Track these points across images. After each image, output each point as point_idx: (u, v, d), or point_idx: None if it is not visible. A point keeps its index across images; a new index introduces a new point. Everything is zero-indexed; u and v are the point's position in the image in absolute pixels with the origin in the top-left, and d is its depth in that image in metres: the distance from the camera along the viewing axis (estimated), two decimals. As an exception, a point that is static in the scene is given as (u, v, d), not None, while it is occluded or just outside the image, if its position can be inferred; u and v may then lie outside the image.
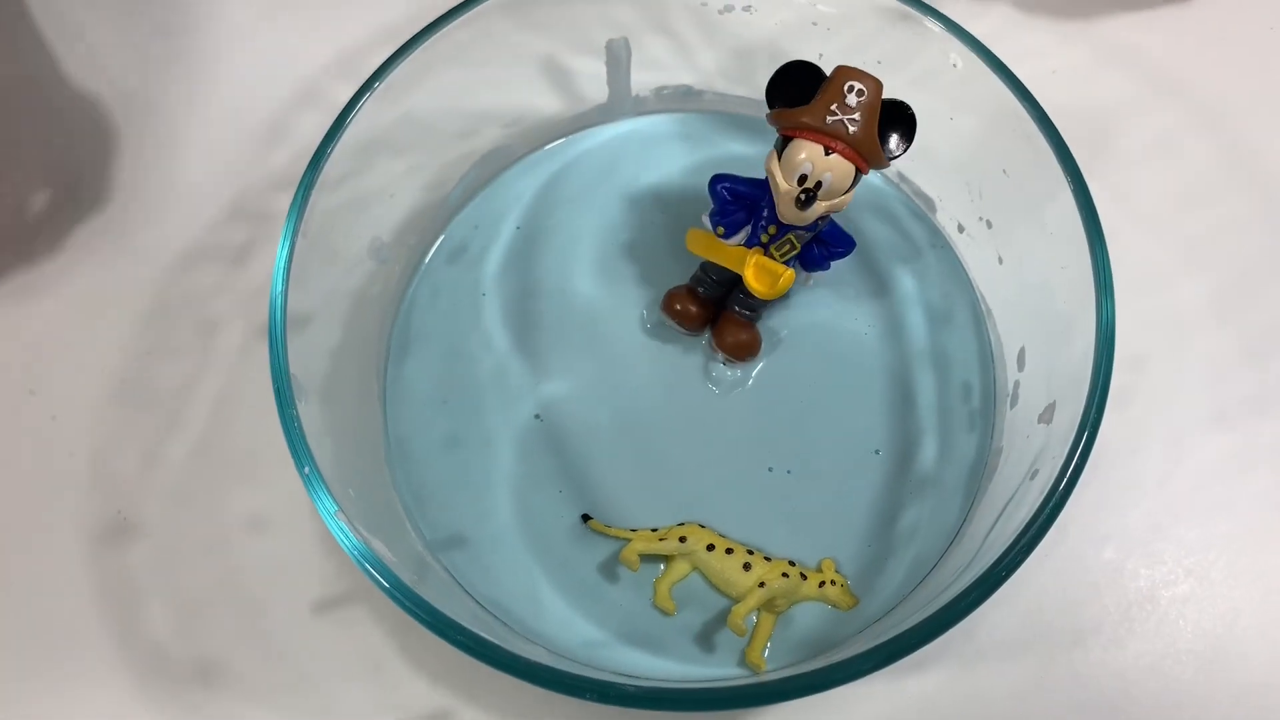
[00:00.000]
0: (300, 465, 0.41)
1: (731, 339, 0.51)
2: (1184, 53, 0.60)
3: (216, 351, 0.54)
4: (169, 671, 0.49)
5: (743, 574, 0.47)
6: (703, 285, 0.52)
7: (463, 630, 0.38)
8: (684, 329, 0.52)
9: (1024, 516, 0.40)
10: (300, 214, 0.45)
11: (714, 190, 0.49)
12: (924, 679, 0.48)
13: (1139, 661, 0.48)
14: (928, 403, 0.51)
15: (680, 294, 0.52)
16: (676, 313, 0.52)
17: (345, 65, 0.61)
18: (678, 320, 0.52)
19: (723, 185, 0.48)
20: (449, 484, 0.50)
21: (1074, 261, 0.44)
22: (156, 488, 0.52)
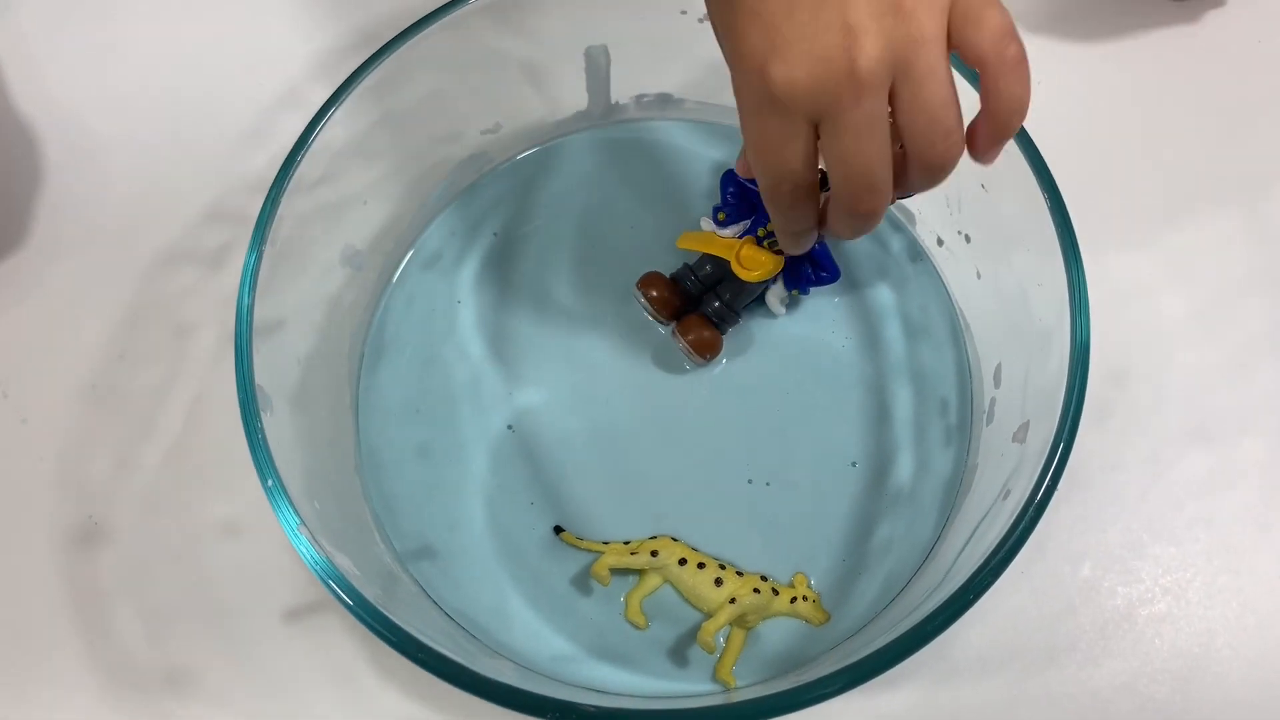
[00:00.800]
0: (264, 478, 0.41)
1: (694, 334, 0.51)
2: (1170, 66, 0.60)
3: (190, 356, 0.54)
4: (138, 679, 0.48)
5: (714, 589, 0.46)
6: (682, 280, 0.52)
7: (425, 649, 0.38)
8: (652, 311, 0.52)
9: (995, 537, 0.40)
10: (269, 221, 0.44)
11: (725, 184, 0.50)
12: (897, 696, 0.47)
13: (1115, 680, 0.48)
14: (905, 417, 0.51)
15: (657, 278, 0.52)
16: (650, 295, 0.52)
17: (327, 68, 0.60)
18: (648, 301, 0.52)
19: (733, 183, 0.50)
20: (420, 494, 0.50)
21: (1050, 278, 0.44)
22: (128, 493, 0.51)
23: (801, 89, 0.34)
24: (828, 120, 0.35)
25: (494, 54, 0.53)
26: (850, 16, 0.34)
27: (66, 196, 0.58)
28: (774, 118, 0.36)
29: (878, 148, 0.36)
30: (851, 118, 0.35)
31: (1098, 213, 0.52)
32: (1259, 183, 0.57)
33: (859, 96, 0.34)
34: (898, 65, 0.34)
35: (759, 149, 0.37)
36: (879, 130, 0.35)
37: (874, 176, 0.36)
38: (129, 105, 0.60)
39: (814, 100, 0.35)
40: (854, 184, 0.37)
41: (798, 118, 0.35)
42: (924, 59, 0.34)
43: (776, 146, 0.37)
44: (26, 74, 0.61)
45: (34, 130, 0.60)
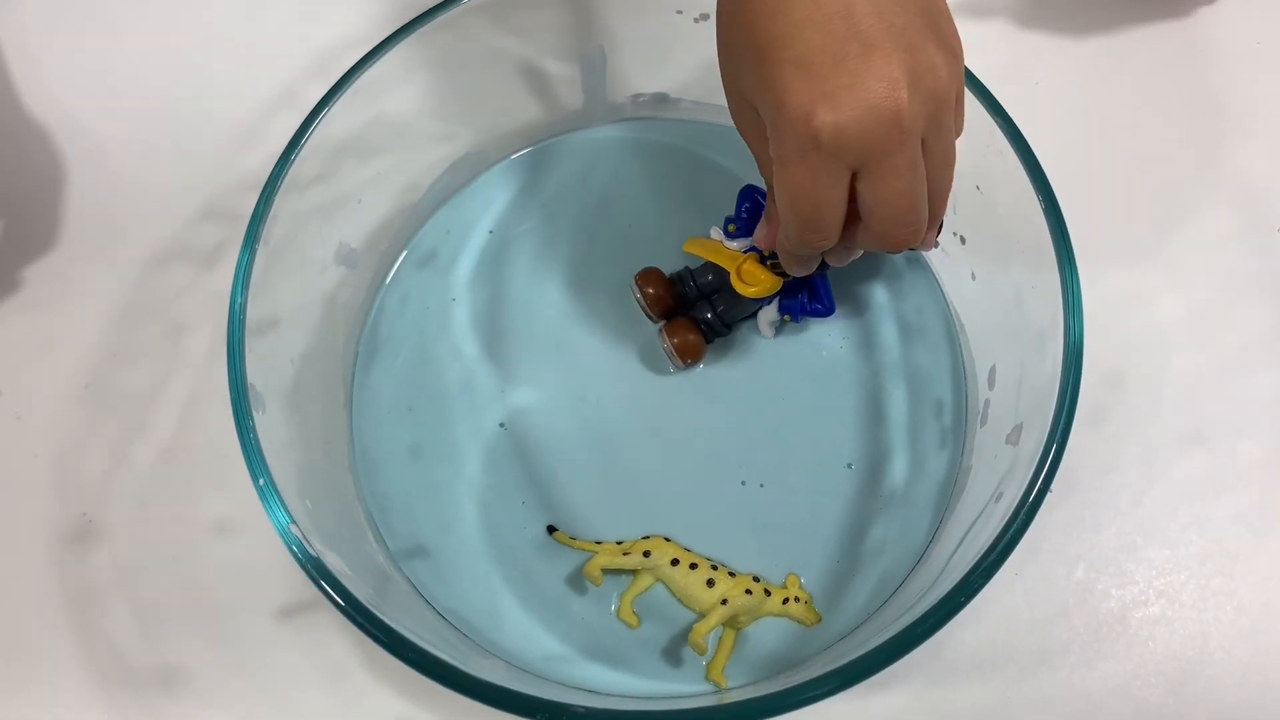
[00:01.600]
0: (256, 477, 0.41)
1: (679, 338, 0.51)
2: (1169, 67, 0.60)
3: (184, 354, 0.54)
4: (131, 677, 0.48)
5: (706, 590, 0.46)
6: (680, 283, 0.52)
7: (416, 649, 0.38)
8: (645, 306, 0.52)
9: (987, 539, 0.40)
10: (263, 219, 0.44)
11: (742, 199, 0.51)
12: (890, 697, 0.47)
13: (1107, 683, 0.48)
14: (899, 418, 0.51)
15: (656, 275, 0.52)
16: (645, 291, 0.52)
17: (323, 67, 0.60)
18: (643, 295, 0.52)
19: (750, 199, 0.50)
20: (413, 493, 0.50)
21: (1044, 280, 0.44)
22: (122, 491, 0.51)
23: (851, 134, 0.36)
24: (872, 164, 0.37)
25: (490, 53, 0.53)
26: (895, 70, 0.36)
27: (61, 195, 0.58)
28: (818, 165, 0.37)
29: (918, 190, 0.39)
30: (896, 161, 0.37)
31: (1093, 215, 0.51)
32: (1256, 185, 0.57)
33: (902, 142, 0.37)
34: (930, 120, 0.37)
35: (797, 196, 0.39)
36: (919, 175, 0.38)
37: (914, 215, 0.39)
38: (124, 103, 0.60)
39: (862, 145, 0.37)
40: (897, 223, 0.39)
41: (841, 165, 0.37)
42: (946, 117, 0.38)
43: (817, 193, 0.39)
44: (21, 72, 0.61)
45: (28, 129, 0.60)
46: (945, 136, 0.39)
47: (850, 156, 0.37)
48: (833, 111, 0.36)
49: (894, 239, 0.40)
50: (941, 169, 0.40)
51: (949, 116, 0.38)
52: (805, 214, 0.39)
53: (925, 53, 0.37)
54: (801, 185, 0.38)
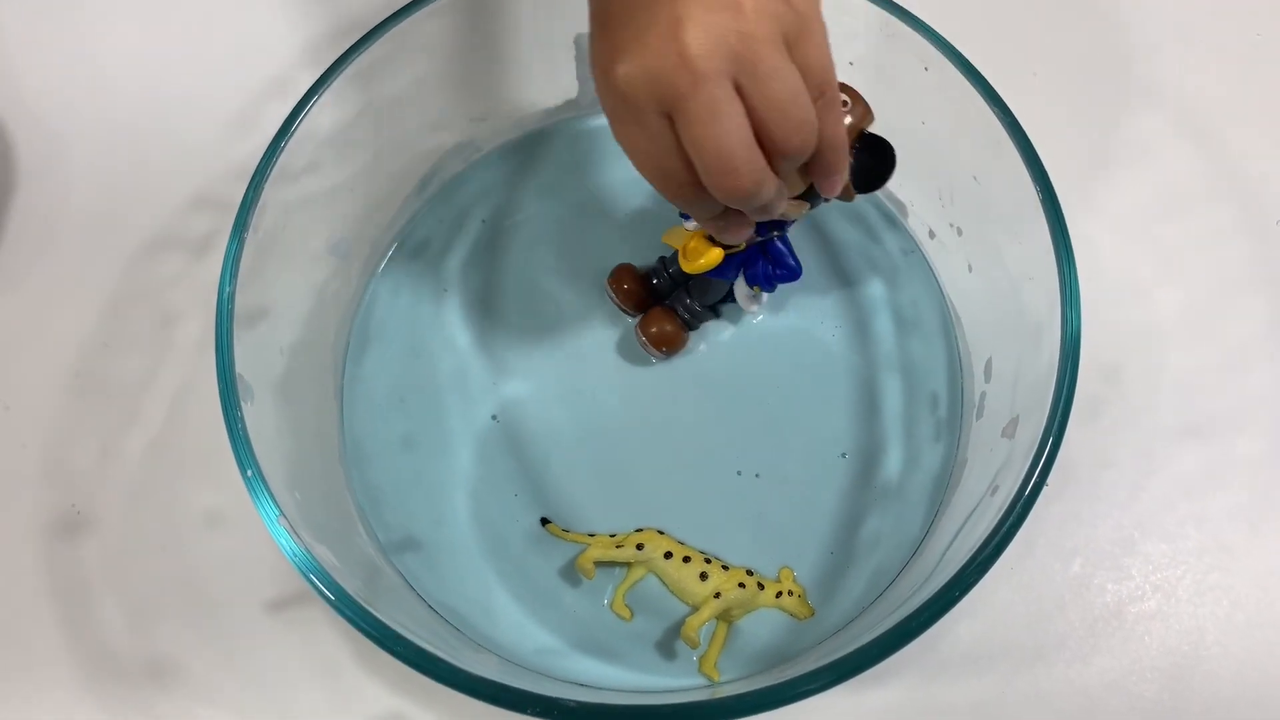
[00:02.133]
0: (244, 469, 0.40)
1: (656, 327, 0.51)
2: (1168, 58, 0.59)
3: (174, 345, 0.53)
4: (120, 669, 0.48)
5: (699, 583, 0.46)
6: (656, 276, 0.52)
7: (405, 643, 0.38)
8: (619, 303, 0.52)
9: (982, 534, 0.40)
10: (252, 208, 0.44)
11: None
12: (885, 691, 0.47)
13: (1103, 678, 0.47)
14: (894, 410, 0.50)
15: (626, 272, 0.52)
16: (617, 289, 0.52)
17: (316, 55, 0.60)
18: (614, 293, 0.52)
19: None
20: (404, 485, 0.49)
21: (1042, 271, 0.43)
22: (111, 482, 0.51)
23: (639, 82, 0.36)
24: (674, 112, 0.36)
25: (483, 41, 0.53)
26: (679, 9, 0.35)
27: (51, 183, 0.57)
28: (630, 119, 0.37)
29: (725, 132, 0.36)
30: (692, 105, 0.35)
31: (1091, 208, 0.51)
32: (1255, 178, 0.56)
33: (695, 84, 0.35)
34: (736, 60, 0.35)
35: (630, 154, 0.38)
36: (723, 115, 0.36)
37: (730, 160, 0.37)
38: (115, 92, 0.60)
39: (653, 92, 0.36)
40: (711, 170, 0.37)
41: (649, 114, 0.36)
42: (765, 59, 0.36)
43: (642, 147, 0.38)
44: (8, 60, 0.61)
45: (19, 117, 0.59)
46: (760, 73, 0.36)
47: (649, 105, 0.36)
48: (623, 62, 0.36)
49: (720, 190, 0.38)
50: (771, 111, 0.36)
51: (769, 59, 0.36)
52: (648, 169, 0.38)
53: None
54: (627, 142, 0.38)
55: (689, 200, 0.39)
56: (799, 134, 0.37)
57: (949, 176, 0.50)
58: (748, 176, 0.37)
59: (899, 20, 0.47)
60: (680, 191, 0.39)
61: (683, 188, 0.38)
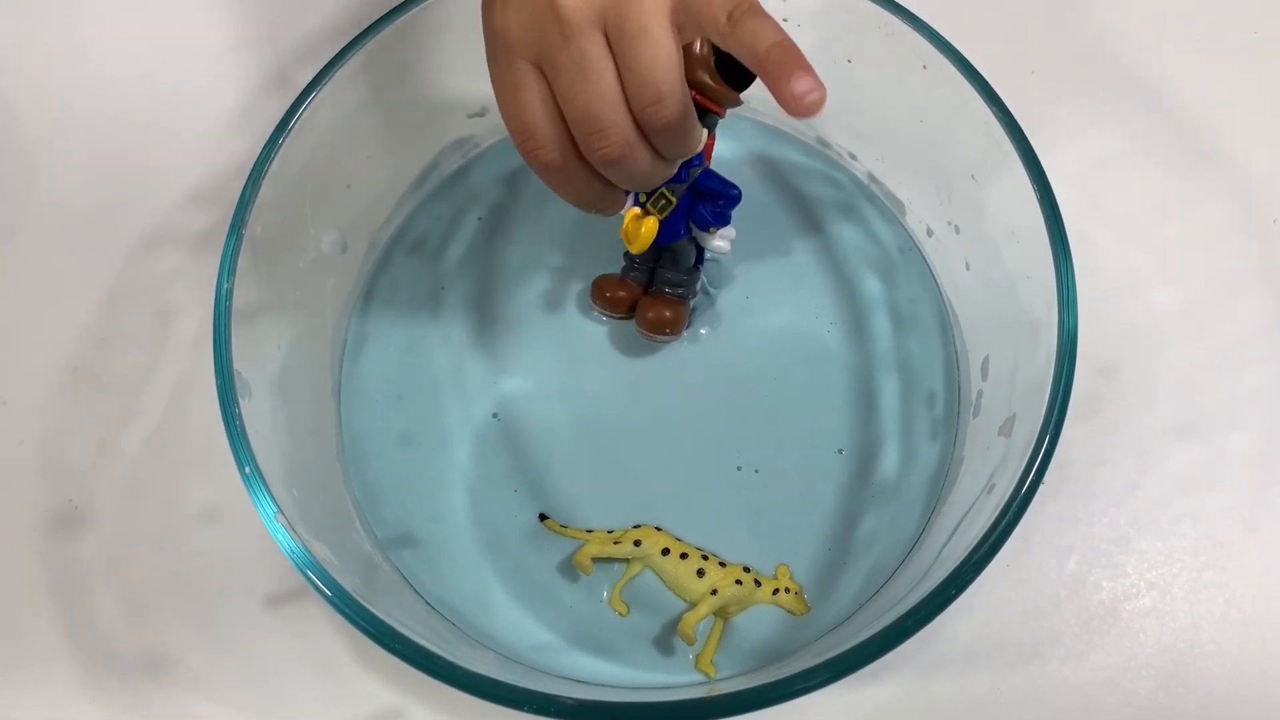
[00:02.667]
0: (241, 465, 0.40)
1: (653, 314, 0.50)
2: (1166, 58, 0.59)
3: (172, 340, 0.53)
4: (117, 664, 0.48)
5: (696, 580, 0.46)
6: (628, 271, 0.51)
7: (402, 639, 0.38)
8: (610, 314, 0.52)
9: (978, 532, 0.40)
10: (250, 204, 0.44)
11: None
12: (881, 688, 0.47)
13: (1098, 675, 0.47)
14: (891, 408, 0.50)
15: (604, 281, 0.52)
16: (606, 300, 0.51)
17: (315, 51, 0.60)
18: (607, 307, 0.51)
19: None
20: (402, 482, 0.49)
21: (1039, 270, 0.43)
22: (109, 477, 0.51)
23: (515, 27, 0.36)
24: (544, 64, 0.36)
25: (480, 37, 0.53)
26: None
27: (48, 177, 0.57)
28: (504, 64, 0.37)
29: (593, 89, 0.35)
30: (563, 59, 0.35)
31: (1089, 205, 0.51)
32: (1253, 177, 0.56)
33: (565, 36, 0.35)
34: (606, 14, 0.35)
35: (500, 102, 0.38)
36: (592, 72, 0.35)
37: (596, 119, 0.36)
38: (113, 87, 0.60)
39: (525, 39, 0.35)
40: (578, 127, 0.36)
41: (521, 62, 0.36)
42: (635, 17, 0.34)
43: (510, 95, 0.37)
44: (6, 55, 0.61)
45: (17, 110, 0.59)
46: (635, 40, 0.34)
47: (523, 51, 0.36)
48: (502, 7, 0.36)
49: (589, 153, 0.37)
50: (629, 71, 0.35)
51: (639, 17, 0.34)
52: (509, 119, 0.37)
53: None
54: (498, 88, 0.37)
55: (543, 164, 0.38)
56: (654, 106, 0.35)
57: (947, 175, 0.50)
58: (615, 140, 0.36)
59: (898, 19, 0.47)
60: (533, 146, 0.37)
61: (539, 143, 0.37)
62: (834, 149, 0.55)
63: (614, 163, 0.37)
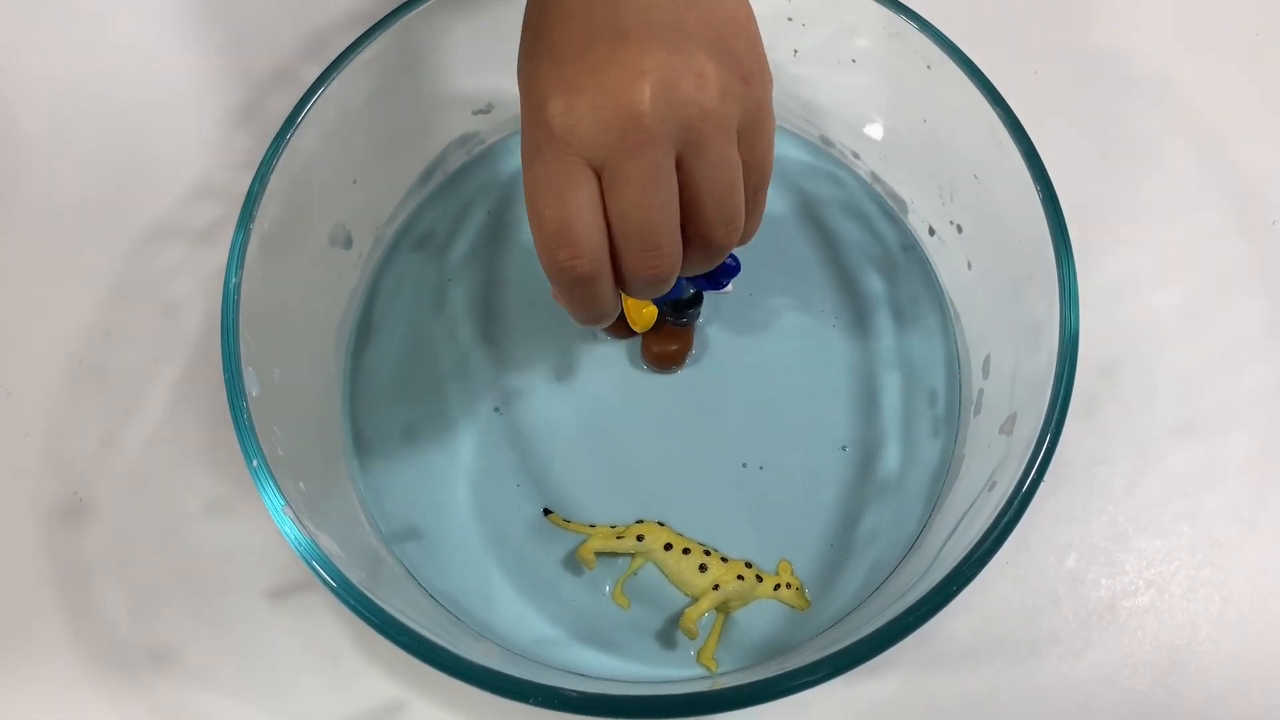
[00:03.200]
0: (249, 458, 0.40)
1: (658, 349, 0.51)
2: (1168, 58, 0.60)
3: (177, 334, 0.53)
4: (121, 656, 0.48)
5: (698, 575, 0.46)
6: None
7: (408, 632, 0.38)
8: (612, 335, 0.52)
9: (979, 529, 0.40)
10: (258, 199, 0.44)
11: None
12: (879, 685, 0.47)
13: (1096, 672, 0.48)
14: (893, 406, 0.51)
15: None
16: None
17: (319, 46, 0.60)
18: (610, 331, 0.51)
19: None
20: (406, 476, 0.50)
21: (1041, 270, 0.44)
22: (113, 470, 0.51)
23: (585, 125, 0.33)
24: (609, 168, 0.33)
25: (488, 33, 0.53)
26: (646, 62, 0.32)
27: (52, 171, 0.58)
28: (554, 160, 0.33)
29: (661, 204, 0.33)
30: (634, 167, 0.33)
31: (1088, 205, 0.51)
32: (1253, 178, 0.57)
33: (641, 145, 0.33)
34: (687, 133, 0.33)
35: (535, 195, 0.34)
36: (663, 186, 0.33)
37: (657, 235, 0.34)
38: (118, 79, 0.60)
39: (594, 140, 0.33)
40: (634, 242, 0.34)
41: (579, 162, 0.33)
42: (716, 142, 0.34)
43: (555, 194, 0.34)
44: (10, 47, 0.61)
45: (22, 104, 0.59)
46: (709, 157, 0.34)
47: (586, 151, 0.33)
48: (568, 95, 0.33)
49: (631, 264, 0.34)
50: (704, 195, 0.34)
51: (717, 136, 0.33)
52: (547, 220, 0.34)
53: (693, 58, 0.33)
54: (539, 183, 0.34)
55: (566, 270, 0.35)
56: (727, 227, 0.35)
57: (950, 174, 0.50)
58: (668, 260, 0.35)
59: (902, 18, 0.47)
60: (566, 255, 0.34)
61: (575, 252, 0.34)
62: (837, 148, 0.56)
63: (657, 281, 0.35)
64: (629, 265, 0.35)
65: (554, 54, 0.34)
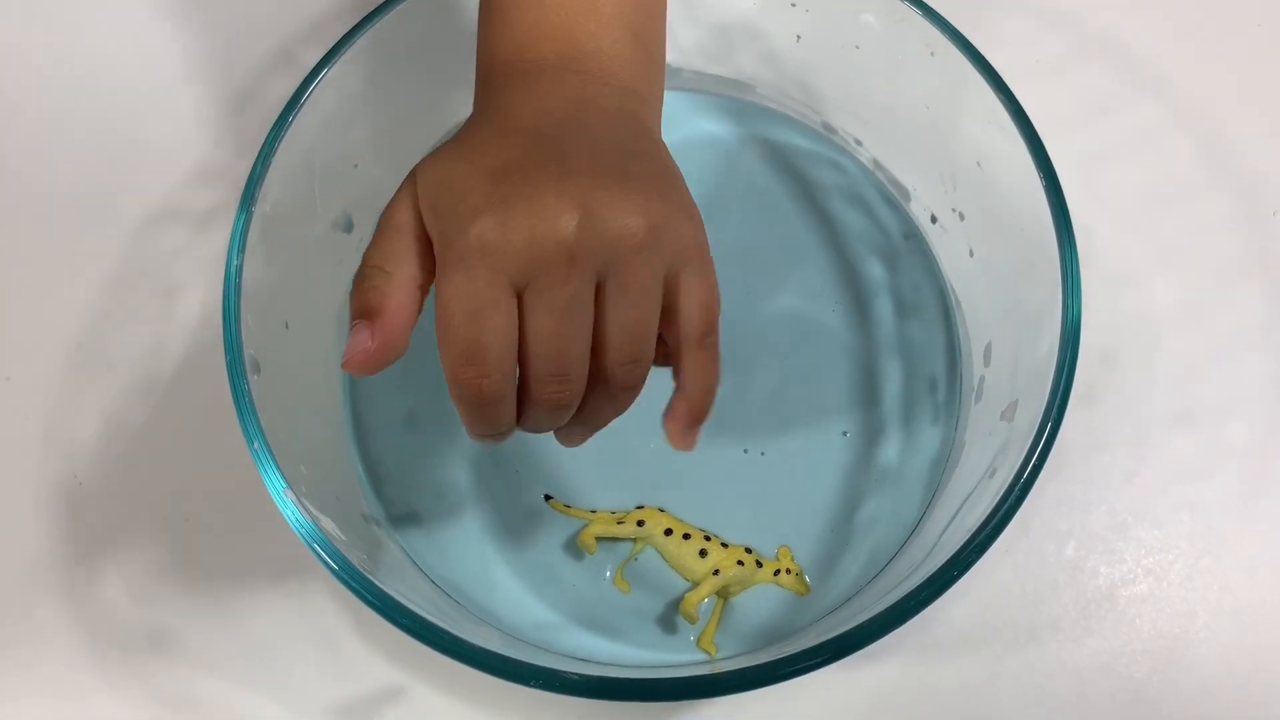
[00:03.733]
0: (250, 441, 0.40)
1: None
2: (1169, 47, 0.60)
3: (177, 317, 0.53)
4: (120, 639, 0.48)
5: (699, 561, 0.47)
6: None
7: (410, 615, 0.38)
8: None
9: (979, 516, 0.40)
10: (259, 182, 0.44)
11: None
12: (878, 670, 0.48)
13: (1095, 660, 0.48)
14: (894, 393, 0.51)
15: None
16: None
17: (319, 30, 0.60)
18: None
19: None
20: (407, 460, 0.50)
21: (1043, 259, 0.44)
22: (113, 453, 0.51)
23: (512, 247, 0.33)
24: (532, 292, 0.34)
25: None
26: (587, 195, 0.33)
27: (52, 155, 0.57)
28: (479, 272, 0.33)
29: (574, 334, 0.34)
30: (557, 294, 0.33)
31: (1091, 194, 0.52)
32: (1254, 168, 0.57)
33: (568, 274, 0.33)
34: (613, 266, 0.34)
35: (451, 310, 0.34)
36: (581, 316, 0.34)
37: (565, 363, 0.34)
38: (117, 64, 0.60)
39: (518, 263, 0.33)
40: (541, 365, 0.34)
41: (504, 281, 0.33)
42: (640, 279, 0.34)
43: (472, 311, 0.34)
44: (8, 31, 0.60)
45: (19, 89, 0.59)
46: (629, 292, 0.34)
47: (513, 272, 0.33)
48: (503, 217, 0.33)
49: (537, 389, 0.35)
50: (614, 329, 0.35)
51: (643, 272, 0.34)
52: (459, 337, 0.34)
53: (634, 195, 0.34)
54: (458, 299, 0.34)
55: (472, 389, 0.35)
56: (632, 365, 0.36)
57: (952, 162, 0.50)
58: (572, 389, 0.35)
59: (905, 4, 0.47)
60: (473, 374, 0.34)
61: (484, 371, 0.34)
62: (839, 134, 0.56)
63: (558, 408, 0.36)
64: (535, 390, 0.35)
65: (495, 173, 0.34)
